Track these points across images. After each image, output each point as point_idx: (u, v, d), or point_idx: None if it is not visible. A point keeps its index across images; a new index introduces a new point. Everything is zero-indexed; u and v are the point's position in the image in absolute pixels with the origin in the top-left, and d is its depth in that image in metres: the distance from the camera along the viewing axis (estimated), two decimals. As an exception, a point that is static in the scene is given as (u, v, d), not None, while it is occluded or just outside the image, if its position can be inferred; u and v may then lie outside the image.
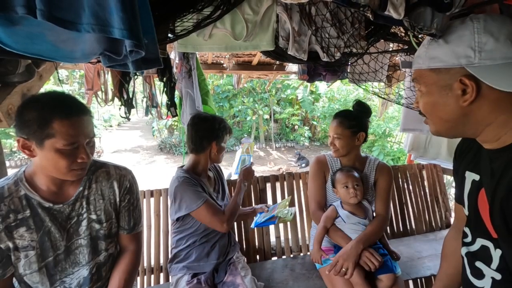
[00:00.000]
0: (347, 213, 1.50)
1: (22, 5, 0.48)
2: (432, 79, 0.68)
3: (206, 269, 1.51)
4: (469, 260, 0.77)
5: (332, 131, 1.59)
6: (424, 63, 0.69)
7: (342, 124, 1.56)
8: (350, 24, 1.23)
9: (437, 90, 0.68)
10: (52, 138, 0.88)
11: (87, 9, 0.50)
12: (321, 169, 1.68)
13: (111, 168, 1.15)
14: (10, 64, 1.13)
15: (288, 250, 1.99)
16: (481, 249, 0.73)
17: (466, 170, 0.79)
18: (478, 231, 0.73)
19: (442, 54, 0.66)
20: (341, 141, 1.56)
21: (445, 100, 0.67)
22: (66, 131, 0.89)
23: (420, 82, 0.72)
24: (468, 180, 0.77)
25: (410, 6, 0.75)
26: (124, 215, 1.17)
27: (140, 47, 0.53)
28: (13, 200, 0.96)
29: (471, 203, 0.76)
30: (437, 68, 0.67)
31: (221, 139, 1.58)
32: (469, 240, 0.77)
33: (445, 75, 0.66)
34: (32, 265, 0.99)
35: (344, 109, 1.66)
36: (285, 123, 12.13)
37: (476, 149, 0.76)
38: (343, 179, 1.51)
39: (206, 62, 2.86)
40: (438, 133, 0.74)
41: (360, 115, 1.60)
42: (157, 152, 10.99)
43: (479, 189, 0.72)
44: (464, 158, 0.82)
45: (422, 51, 0.71)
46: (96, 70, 2.13)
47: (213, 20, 1.06)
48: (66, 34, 0.56)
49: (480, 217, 0.71)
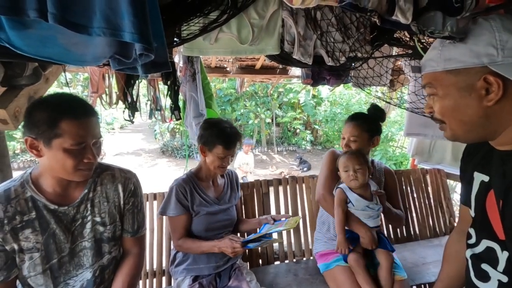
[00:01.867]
0: (357, 196, 1.48)
1: (34, 8, 0.48)
2: (449, 81, 0.67)
3: (206, 272, 1.50)
4: (473, 262, 0.76)
5: (349, 133, 1.57)
6: (439, 66, 0.68)
7: (360, 126, 1.55)
8: (355, 28, 1.23)
9: (456, 92, 0.66)
10: (60, 138, 0.89)
11: (98, 13, 0.51)
12: (335, 160, 1.65)
13: (116, 171, 1.15)
14: (18, 67, 1.13)
15: (291, 254, 1.98)
16: (486, 251, 0.72)
17: (475, 171, 0.77)
18: (484, 233, 0.72)
19: (460, 54, 0.65)
20: (357, 144, 1.55)
21: (466, 101, 0.65)
22: (74, 131, 0.90)
23: (435, 86, 0.70)
24: (476, 181, 0.76)
25: (419, 11, 0.75)
26: (128, 218, 1.17)
27: (150, 51, 0.53)
28: (19, 202, 0.96)
29: (478, 204, 0.75)
30: (454, 69, 0.65)
31: (210, 145, 1.49)
32: (473, 242, 0.76)
33: (465, 75, 0.64)
34: (37, 267, 0.99)
35: (360, 112, 1.65)
36: (287, 127, 12.13)
37: (486, 150, 0.75)
38: (344, 163, 1.50)
39: (209, 66, 2.87)
40: (455, 137, 0.72)
41: (376, 119, 1.59)
42: (159, 155, 10.99)
43: (488, 190, 0.71)
44: (472, 159, 0.81)
45: (435, 54, 0.70)
46: (101, 73, 2.14)
47: (219, 24, 1.07)
48: (77, 37, 0.56)
49: (487, 218, 0.70)
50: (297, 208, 2.05)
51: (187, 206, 1.49)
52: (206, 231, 1.54)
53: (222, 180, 1.69)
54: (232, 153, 1.51)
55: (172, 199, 1.49)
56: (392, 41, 1.45)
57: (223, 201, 1.62)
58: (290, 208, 2.05)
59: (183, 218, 1.50)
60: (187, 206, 1.49)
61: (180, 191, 1.49)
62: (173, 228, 1.53)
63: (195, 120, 2.06)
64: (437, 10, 0.76)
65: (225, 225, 1.61)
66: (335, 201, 1.51)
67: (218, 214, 1.57)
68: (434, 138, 2.17)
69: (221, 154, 1.47)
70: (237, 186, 1.76)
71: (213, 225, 1.55)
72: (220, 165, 1.50)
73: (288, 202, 2.07)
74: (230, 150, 1.49)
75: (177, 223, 1.51)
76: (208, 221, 1.53)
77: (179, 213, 1.48)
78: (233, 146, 1.50)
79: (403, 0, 0.75)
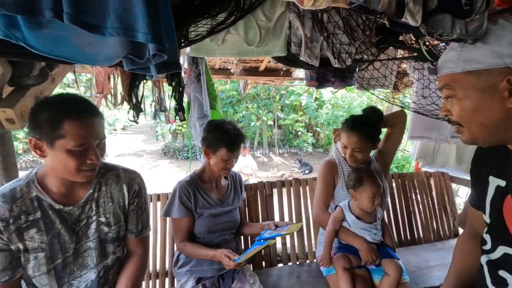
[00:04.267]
0: (354, 218, 1.47)
1: (49, 8, 0.49)
2: (469, 83, 0.65)
3: (209, 274, 1.50)
4: (490, 268, 0.75)
5: (352, 144, 1.51)
6: (458, 67, 0.67)
7: (364, 138, 1.49)
8: (361, 31, 1.24)
9: (477, 94, 0.65)
10: (62, 139, 0.88)
11: (112, 13, 0.51)
12: (331, 172, 1.65)
13: (121, 171, 1.15)
14: (25, 67, 1.14)
15: (294, 257, 1.97)
16: (503, 257, 0.71)
17: (490, 175, 0.76)
18: (501, 239, 0.71)
19: (481, 55, 0.64)
20: (363, 154, 1.52)
21: (488, 103, 0.64)
22: (76, 132, 0.89)
23: (454, 87, 0.69)
24: (491, 186, 0.75)
25: (427, 13, 0.75)
26: (133, 218, 1.16)
27: (163, 51, 0.54)
28: (24, 201, 0.96)
29: (494, 210, 0.73)
30: (475, 70, 0.64)
31: (213, 147, 1.48)
32: (489, 248, 0.75)
33: (487, 76, 0.63)
34: (41, 267, 0.99)
35: (358, 117, 1.58)
36: (288, 129, 12.14)
37: (502, 154, 0.74)
38: (372, 189, 1.41)
39: (213, 67, 2.88)
40: (474, 141, 0.70)
41: (375, 122, 1.57)
42: (161, 157, 11.00)
43: (504, 196, 0.70)
44: (487, 163, 0.79)
45: (453, 55, 0.68)
46: (106, 73, 2.15)
47: (226, 26, 1.07)
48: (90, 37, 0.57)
49: (504, 224, 0.69)
50: (300, 210, 2.05)
51: (190, 208, 1.49)
52: (209, 233, 1.53)
53: (226, 182, 1.69)
54: (236, 155, 1.50)
55: (175, 200, 1.49)
56: (397, 44, 1.45)
57: (226, 203, 1.62)
58: (293, 210, 2.04)
59: (186, 221, 1.50)
60: (190, 208, 1.49)
61: (184, 193, 1.49)
62: (176, 230, 1.54)
63: (199, 121, 2.06)
64: (446, 12, 0.76)
65: (227, 227, 1.61)
66: (330, 219, 1.51)
67: (221, 216, 1.57)
68: (438, 141, 2.16)
69: (225, 157, 1.46)
70: (240, 188, 1.75)
71: (215, 227, 1.55)
72: (224, 167, 1.50)
73: (292, 204, 2.06)
74: (234, 152, 1.48)
75: (179, 225, 1.51)
76: (210, 223, 1.53)
77: (182, 215, 1.48)
78: (237, 148, 1.49)
79: (412, 3, 0.75)
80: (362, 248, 1.42)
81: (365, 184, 1.42)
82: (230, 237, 1.63)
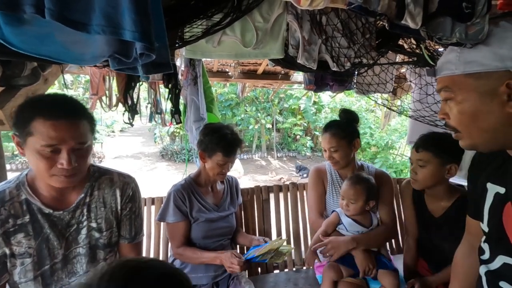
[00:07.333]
0: (350, 221, 1.45)
1: (30, 4, 0.46)
2: (469, 85, 0.63)
3: (204, 281, 1.47)
4: (489, 279, 0.72)
5: (327, 144, 1.54)
6: (458, 69, 0.65)
7: (336, 135, 1.52)
8: (361, 34, 1.22)
9: (477, 97, 0.63)
10: (32, 137, 0.86)
11: (97, 10, 0.48)
12: (320, 179, 1.66)
13: (115, 175, 1.12)
14: (16, 67, 1.12)
15: (290, 263, 1.94)
16: (503, 267, 0.68)
17: (488, 182, 0.73)
18: (500, 248, 0.68)
19: (482, 57, 0.62)
20: (339, 153, 1.52)
21: (488, 107, 0.62)
22: (46, 131, 0.85)
23: (453, 90, 0.66)
24: (490, 193, 0.72)
25: (428, 16, 0.73)
26: (126, 224, 1.14)
27: (151, 50, 0.51)
28: (13, 204, 0.94)
29: (493, 218, 0.71)
30: (475, 72, 0.62)
31: (209, 151, 1.45)
32: (487, 257, 0.72)
33: (487, 80, 0.61)
34: (28, 273, 0.96)
35: (332, 120, 1.63)
36: (287, 133, 12.13)
37: (501, 161, 0.71)
38: (342, 192, 1.46)
39: (211, 70, 2.86)
40: (473, 146, 0.68)
41: (349, 122, 1.58)
42: (159, 159, 10.96)
43: (504, 203, 0.67)
44: (485, 169, 0.76)
45: (453, 56, 0.66)
46: (101, 75, 2.13)
47: (222, 27, 1.05)
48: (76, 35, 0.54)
49: (503, 233, 0.66)
50: (297, 215, 2.02)
51: (185, 212, 1.46)
52: (204, 238, 1.50)
53: (222, 186, 1.66)
54: (232, 160, 1.48)
55: (170, 205, 1.45)
56: (396, 48, 1.43)
57: (223, 208, 1.59)
58: (290, 215, 2.02)
59: (182, 225, 1.46)
60: (185, 212, 1.46)
61: (179, 197, 1.46)
62: (172, 235, 1.49)
63: (195, 124, 2.03)
64: (447, 15, 0.74)
65: (224, 232, 1.57)
66: (324, 222, 1.50)
67: (217, 221, 1.53)
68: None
69: (221, 161, 1.43)
70: (237, 192, 1.72)
71: (211, 232, 1.51)
72: (220, 172, 1.47)
73: (289, 208, 2.03)
74: (230, 157, 1.45)
75: (176, 230, 1.47)
76: (206, 228, 1.50)
77: (177, 219, 1.44)
78: (234, 153, 1.46)
79: (413, 5, 0.72)
80: (358, 256, 1.38)
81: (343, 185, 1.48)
82: (226, 243, 1.60)
